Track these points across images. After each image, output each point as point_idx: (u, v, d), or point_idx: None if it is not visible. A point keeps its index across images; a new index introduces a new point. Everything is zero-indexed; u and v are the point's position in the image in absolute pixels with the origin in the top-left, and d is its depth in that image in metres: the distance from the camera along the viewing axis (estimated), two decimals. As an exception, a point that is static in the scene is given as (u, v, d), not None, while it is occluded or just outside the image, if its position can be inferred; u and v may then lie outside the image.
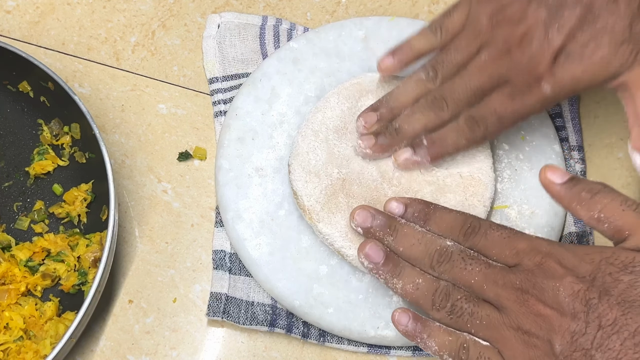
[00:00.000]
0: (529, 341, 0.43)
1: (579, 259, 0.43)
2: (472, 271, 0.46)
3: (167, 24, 0.65)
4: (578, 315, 0.41)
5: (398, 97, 0.54)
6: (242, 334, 0.55)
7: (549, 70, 0.49)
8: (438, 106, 0.52)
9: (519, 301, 0.43)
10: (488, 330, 0.44)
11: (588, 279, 0.42)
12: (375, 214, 0.50)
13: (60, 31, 0.64)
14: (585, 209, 0.44)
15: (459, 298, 0.46)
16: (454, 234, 0.48)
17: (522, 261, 0.45)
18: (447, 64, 0.52)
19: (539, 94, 0.50)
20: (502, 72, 0.50)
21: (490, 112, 0.51)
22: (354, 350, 0.55)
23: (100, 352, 0.54)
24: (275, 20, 0.64)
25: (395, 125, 0.53)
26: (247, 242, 0.55)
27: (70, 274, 0.55)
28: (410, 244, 0.49)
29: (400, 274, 0.48)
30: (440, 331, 0.46)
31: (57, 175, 0.59)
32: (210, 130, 0.61)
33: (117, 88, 0.62)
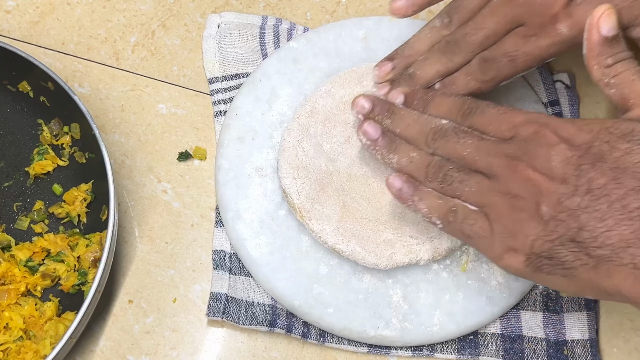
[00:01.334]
0: (516, 204, 0.43)
1: (577, 129, 0.43)
2: (465, 144, 0.47)
3: (167, 24, 0.65)
4: (568, 180, 0.42)
5: (413, 45, 0.54)
6: (242, 334, 0.55)
7: (565, 11, 0.48)
8: (451, 51, 0.52)
9: (509, 167, 0.44)
10: (477, 196, 0.45)
11: (583, 147, 0.42)
12: (375, 100, 0.52)
13: (60, 31, 0.64)
14: (600, 72, 0.45)
15: (450, 168, 0.47)
16: (452, 115, 0.49)
17: (518, 132, 0.45)
18: (462, 9, 0.52)
19: (555, 36, 0.49)
20: (516, 13, 0.49)
21: (502, 54, 0.50)
22: (354, 350, 0.55)
23: (100, 352, 0.54)
24: (275, 20, 0.64)
25: (409, 71, 0.53)
26: (247, 242, 0.55)
27: (70, 274, 0.55)
28: (406, 124, 0.50)
29: (396, 149, 0.50)
30: (431, 195, 0.48)
31: (57, 175, 0.59)
32: (210, 130, 0.61)
33: (117, 88, 0.62)
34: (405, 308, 0.53)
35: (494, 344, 0.54)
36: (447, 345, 0.54)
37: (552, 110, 0.61)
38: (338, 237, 0.53)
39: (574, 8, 0.48)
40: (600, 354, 0.55)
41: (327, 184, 0.54)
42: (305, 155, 0.55)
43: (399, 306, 0.53)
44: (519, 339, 0.54)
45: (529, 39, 0.50)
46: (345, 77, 0.58)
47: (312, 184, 0.54)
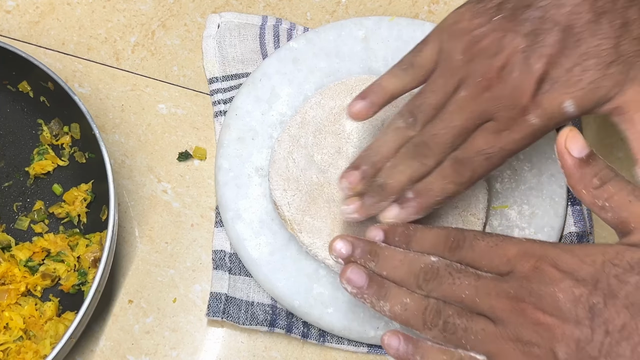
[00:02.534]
0: (530, 352, 0.40)
1: (578, 261, 0.40)
2: (462, 285, 0.43)
3: (167, 24, 0.65)
4: (582, 321, 0.39)
5: (379, 149, 0.50)
6: (242, 334, 0.55)
7: (534, 100, 0.46)
8: (421, 154, 0.48)
9: (515, 311, 0.41)
10: (484, 344, 0.42)
11: (590, 282, 0.39)
12: (354, 242, 0.47)
13: (60, 31, 0.64)
14: (590, 195, 0.42)
15: (450, 314, 0.43)
16: (438, 250, 0.45)
17: (515, 268, 0.42)
18: (425, 107, 0.48)
19: (527, 127, 0.47)
20: (484, 108, 0.47)
21: (476, 152, 0.47)
22: (354, 350, 0.55)
23: (100, 352, 0.54)
24: (275, 20, 0.64)
25: (379, 181, 0.49)
26: (247, 242, 0.55)
27: (70, 274, 0.55)
28: (392, 266, 0.46)
29: (386, 295, 0.45)
30: (433, 350, 0.43)
31: (57, 175, 0.59)
32: (210, 130, 0.61)
33: (117, 88, 0.62)
34: (405, 308, 0.53)
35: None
36: (447, 345, 0.54)
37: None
38: (328, 253, 0.53)
39: (542, 97, 0.46)
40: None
41: (318, 196, 0.54)
42: (295, 166, 0.55)
43: (399, 306, 0.53)
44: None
45: (501, 134, 0.47)
46: (335, 89, 0.58)
47: (302, 196, 0.54)
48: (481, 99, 0.47)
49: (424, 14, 0.66)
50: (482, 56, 0.47)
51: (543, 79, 0.46)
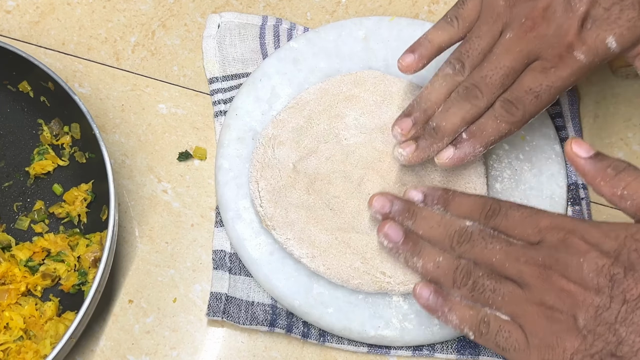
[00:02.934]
0: (552, 316, 0.42)
1: (603, 235, 0.42)
2: (493, 249, 0.46)
3: (167, 24, 0.65)
4: (602, 290, 0.41)
5: (429, 96, 0.52)
6: (242, 334, 0.55)
7: (578, 37, 0.48)
8: (472, 95, 0.50)
9: (542, 277, 0.43)
10: (510, 305, 0.44)
11: (612, 255, 0.41)
12: (393, 200, 0.50)
13: (60, 31, 0.64)
14: (609, 186, 0.44)
15: (480, 275, 0.46)
16: (474, 216, 0.48)
17: (545, 238, 0.44)
18: (472, 52, 0.51)
19: (573, 64, 0.49)
20: (530, 48, 0.49)
21: (525, 91, 0.49)
22: (354, 350, 0.55)
23: (100, 352, 0.54)
24: (275, 20, 0.64)
25: (432, 125, 0.51)
26: (247, 242, 0.55)
27: (70, 274, 0.55)
28: (429, 226, 0.49)
29: (420, 253, 0.48)
30: (461, 305, 0.46)
31: (57, 175, 0.59)
32: (210, 130, 0.61)
33: (117, 88, 0.62)
34: (405, 308, 0.53)
35: (494, 344, 0.54)
36: (447, 345, 0.54)
37: (552, 109, 0.61)
38: (303, 250, 0.53)
39: (586, 33, 0.48)
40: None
41: (293, 185, 0.54)
42: (273, 156, 0.55)
43: (399, 306, 0.53)
44: (519, 339, 0.54)
45: (549, 72, 0.49)
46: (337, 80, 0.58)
47: (277, 184, 0.54)
48: (527, 39, 0.49)
49: (424, 14, 0.66)
50: (524, 0, 0.49)
51: (585, 18, 0.48)
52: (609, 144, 0.62)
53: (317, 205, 0.54)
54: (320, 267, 0.53)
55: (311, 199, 0.54)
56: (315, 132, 0.56)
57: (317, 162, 0.55)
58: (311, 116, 0.57)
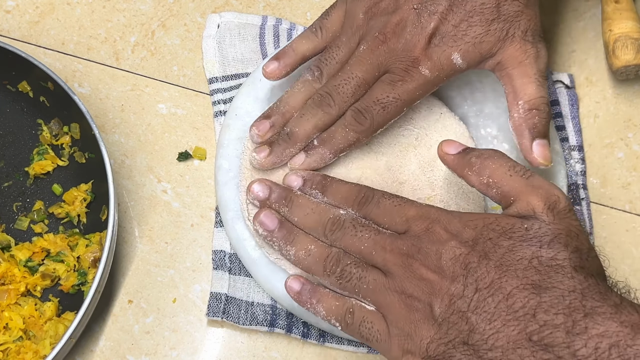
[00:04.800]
0: (412, 304, 0.43)
1: (463, 225, 0.43)
2: (362, 238, 0.47)
3: (167, 24, 0.65)
4: (457, 278, 0.42)
5: (288, 100, 0.54)
6: (242, 334, 0.55)
7: (425, 53, 0.50)
8: (325, 103, 0.52)
9: (404, 265, 0.44)
10: (374, 294, 0.45)
11: (470, 244, 0.42)
12: (271, 187, 0.51)
13: (60, 31, 0.64)
14: (475, 174, 0.45)
15: (348, 263, 0.47)
16: (348, 203, 0.49)
17: (411, 227, 0.45)
18: (331, 61, 0.53)
19: (419, 78, 0.51)
20: (380, 60, 0.51)
21: (374, 102, 0.51)
22: (354, 351, 0.55)
23: (100, 352, 0.54)
24: (275, 20, 0.64)
25: (287, 130, 0.53)
26: (247, 242, 0.55)
27: (69, 274, 0.55)
28: (304, 213, 0.50)
29: (294, 241, 0.49)
30: (328, 296, 0.47)
31: (56, 175, 0.59)
32: (210, 130, 0.61)
33: (116, 88, 0.62)
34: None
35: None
36: (447, 345, 0.54)
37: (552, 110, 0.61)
38: (296, 270, 0.52)
39: (432, 50, 0.50)
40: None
41: None
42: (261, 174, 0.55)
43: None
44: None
45: (396, 84, 0.51)
46: None
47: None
48: (378, 52, 0.51)
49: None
50: (381, 14, 0.52)
51: (433, 34, 0.51)
52: (609, 144, 0.62)
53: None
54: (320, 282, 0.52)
55: None
56: None
57: None
58: None
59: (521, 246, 0.41)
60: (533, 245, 0.41)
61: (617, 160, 0.61)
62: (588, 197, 0.59)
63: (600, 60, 0.64)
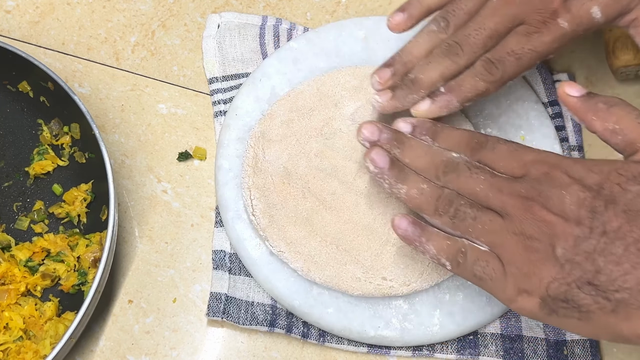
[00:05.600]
0: (531, 245, 0.43)
1: (587, 170, 0.43)
2: (477, 180, 0.46)
3: (167, 24, 0.65)
4: (583, 221, 0.41)
5: (411, 50, 0.52)
6: (242, 334, 0.55)
7: (564, 5, 0.49)
8: (453, 52, 0.51)
9: (523, 208, 0.43)
10: (490, 235, 0.45)
11: (595, 188, 0.42)
12: (382, 128, 0.50)
13: (60, 31, 0.64)
14: (600, 120, 0.45)
15: (462, 203, 0.46)
16: (461, 148, 0.48)
17: (529, 171, 0.45)
18: (459, 12, 0.51)
19: (557, 31, 0.49)
20: (515, 12, 0.50)
21: (507, 52, 0.50)
22: (354, 350, 0.55)
23: (100, 352, 0.54)
24: (275, 20, 0.64)
25: (411, 77, 0.52)
26: (247, 242, 0.55)
27: (70, 274, 0.55)
28: (416, 155, 0.49)
29: (405, 179, 0.48)
30: (439, 236, 0.47)
31: (56, 175, 0.59)
32: (210, 130, 0.61)
33: (117, 88, 0.62)
34: (405, 308, 0.53)
35: (493, 344, 0.54)
36: (447, 345, 0.54)
37: (552, 110, 0.61)
38: (297, 264, 0.53)
39: (572, 2, 0.49)
40: (600, 353, 0.55)
41: (287, 202, 0.54)
42: (264, 170, 0.55)
43: (398, 306, 0.53)
44: (518, 339, 0.54)
45: (532, 36, 0.50)
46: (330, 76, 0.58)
47: (269, 204, 0.54)
48: (514, 3, 0.50)
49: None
50: None
51: None
52: (609, 144, 0.62)
53: (314, 209, 0.54)
54: (317, 280, 0.53)
55: (308, 204, 0.54)
56: (306, 124, 0.56)
57: (308, 159, 0.55)
58: (304, 106, 0.57)
59: None
60: None
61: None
62: (588, 197, 0.59)
63: (600, 60, 0.64)
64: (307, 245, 0.53)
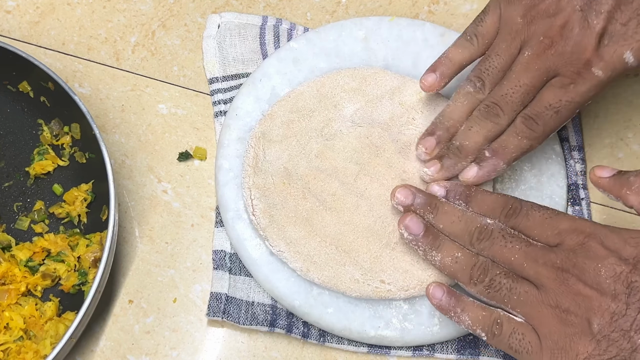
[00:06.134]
0: (567, 319, 0.43)
1: (623, 241, 0.43)
2: (513, 249, 0.46)
3: (167, 24, 0.65)
4: (619, 296, 0.41)
5: (451, 115, 0.53)
6: (242, 334, 0.55)
7: (596, 54, 0.49)
8: (493, 113, 0.51)
9: (558, 280, 0.43)
10: (525, 306, 0.44)
11: (631, 262, 0.42)
12: (416, 193, 0.51)
13: (60, 31, 0.64)
14: (634, 194, 0.45)
15: (497, 273, 0.46)
16: (495, 214, 0.48)
17: (564, 241, 0.45)
18: (492, 70, 0.52)
19: (592, 79, 0.49)
20: (549, 65, 0.50)
21: (545, 107, 0.50)
22: (354, 350, 0.55)
23: (100, 352, 0.54)
24: (275, 20, 0.64)
25: (456, 144, 0.52)
26: (247, 242, 0.55)
27: (70, 274, 0.55)
28: (450, 221, 0.49)
29: (440, 247, 0.49)
30: (474, 306, 0.47)
31: (57, 175, 0.59)
32: (210, 130, 0.61)
33: (117, 88, 0.62)
34: (405, 308, 0.53)
35: (494, 344, 0.54)
36: (447, 345, 0.54)
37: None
38: (297, 264, 0.53)
39: (604, 50, 0.49)
40: None
41: (287, 203, 0.54)
42: (265, 171, 0.55)
43: (399, 306, 0.53)
44: (519, 339, 0.54)
45: (568, 88, 0.50)
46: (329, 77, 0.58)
47: (270, 204, 0.54)
48: (546, 56, 0.50)
49: (424, 14, 0.66)
50: (541, 17, 0.50)
51: (603, 34, 0.49)
52: (609, 144, 0.62)
53: (314, 210, 0.54)
54: (316, 280, 0.53)
55: (308, 205, 0.54)
56: (306, 125, 0.56)
57: (308, 159, 0.55)
58: (305, 107, 0.57)
59: None
60: None
61: (617, 160, 0.61)
62: (588, 197, 0.59)
63: (600, 60, 0.64)
64: (307, 245, 0.53)
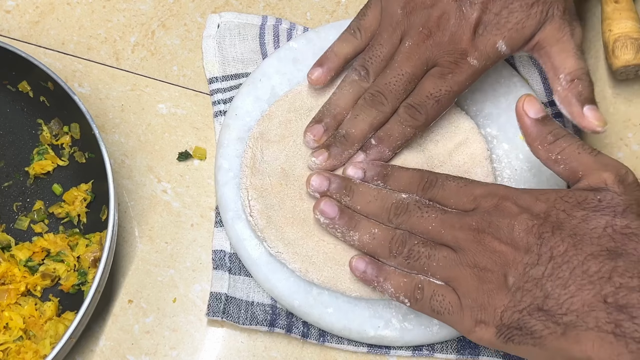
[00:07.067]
0: (484, 276, 0.44)
1: (534, 199, 0.45)
2: (429, 218, 0.47)
3: (167, 24, 0.65)
4: (531, 248, 0.43)
5: (338, 102, 0.55)
6: (242, 334, 0.55)
7: (472, 44, 0.51)
8: (378, 102, 0.53)
9: (475, 240, 0.45)
10: (444, 270, 0.46)
11: (542, 216, 0.44)
12: (330, 177, 0.52)
13: (60, 31, 0.64)
14: (545, 150, 0.46)
15: (415, 243, 0.47)
16: (412, 189, 0.50)
17: (480, 205, 0.46)
18: (375, 59, 0.54)
19: (468, 69, 0.52)
20: (428, 55, 0.52)
21: (427, 96, 0.52)
22: (353, 350, 0.55)
23: (100, 352, 0.55)
24: (275, 20, 0.64)
25: (342, 132, 0.54)
26: (247, 242, 0.55)
27: (70, 274, 0.55)
28: (366, 201, 0.50)
29: (356, 226, 0.50)
30: (395, 274, 0.48)
31: (56, 175, 0.59)
32: (210, 130, 0.61)
33: (116, 88, 0.62)
34: (405, 308, 0.53)
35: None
36: (447, 345, 0.54)
37: (551, 110, 0.61)
38: (295, 265, 0.53)
39: (479, 40, 0.51)
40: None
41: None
42: (262, 171, 0.55)
43: (398, 306, 0.53)
44: (518, 339, 0.54)
45: (446, 77, 0.52)
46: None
47: (267, 204, 0.54)
48: (425, 46, 0.52)
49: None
50: (420, 8, 0.53)
51: (477, 24, 0.52)
52: (608, 144, 0.62)
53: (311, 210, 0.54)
54: (315, 280, 0.53)
55: (305, 205, 0.54)
56: (304, 125, 0.56)
57: (305, 160, 0.55)
58: (302, 107, 0.57)
59: (595, 216, 0.43)
60: (606, 215, 0.42)
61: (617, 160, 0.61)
62: (588, 197, 0.59)
63: (600, 60, 0.64)
64: (305, 246, 0.53)
